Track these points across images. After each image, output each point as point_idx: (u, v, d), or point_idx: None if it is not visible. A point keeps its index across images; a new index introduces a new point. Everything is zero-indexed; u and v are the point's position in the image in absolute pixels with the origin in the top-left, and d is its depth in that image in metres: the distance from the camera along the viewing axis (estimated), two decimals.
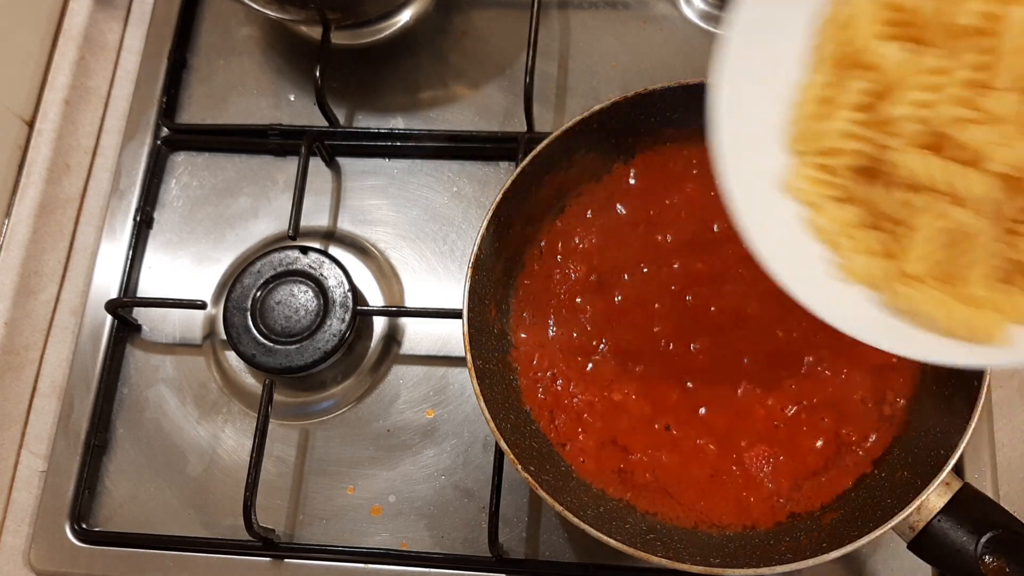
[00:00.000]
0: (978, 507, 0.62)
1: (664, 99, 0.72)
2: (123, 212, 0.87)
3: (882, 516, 0.61)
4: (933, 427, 0.65)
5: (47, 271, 0.87)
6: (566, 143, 0.72)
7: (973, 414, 0.61)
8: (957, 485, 0.62)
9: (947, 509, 0.61)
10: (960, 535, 0.61)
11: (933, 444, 0.64)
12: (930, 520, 0.62)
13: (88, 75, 0.93)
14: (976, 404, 0.62)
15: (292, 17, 0.89)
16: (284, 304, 0.79)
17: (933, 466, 0.62)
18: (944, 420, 0.65)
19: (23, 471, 0.82)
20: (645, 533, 0.66)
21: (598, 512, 0.66)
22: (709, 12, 0.90)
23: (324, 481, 0.79)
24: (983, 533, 0.60)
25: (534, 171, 0.71)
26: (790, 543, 0.64)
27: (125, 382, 0.83)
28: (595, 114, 0.71)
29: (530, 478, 0.62)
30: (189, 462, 0.80)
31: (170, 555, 0.77)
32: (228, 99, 0.92)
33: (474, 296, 0.68)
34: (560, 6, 0.92)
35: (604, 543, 0.61)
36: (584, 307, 0.73)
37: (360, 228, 0.87)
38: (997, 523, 0.61)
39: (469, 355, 0.66)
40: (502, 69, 0.90)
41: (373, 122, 0.89)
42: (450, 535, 0.77)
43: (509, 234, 0.72)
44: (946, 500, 0.62)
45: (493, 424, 0.64)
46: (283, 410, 0.81)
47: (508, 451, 0.63)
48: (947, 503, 0.62)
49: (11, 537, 0.81)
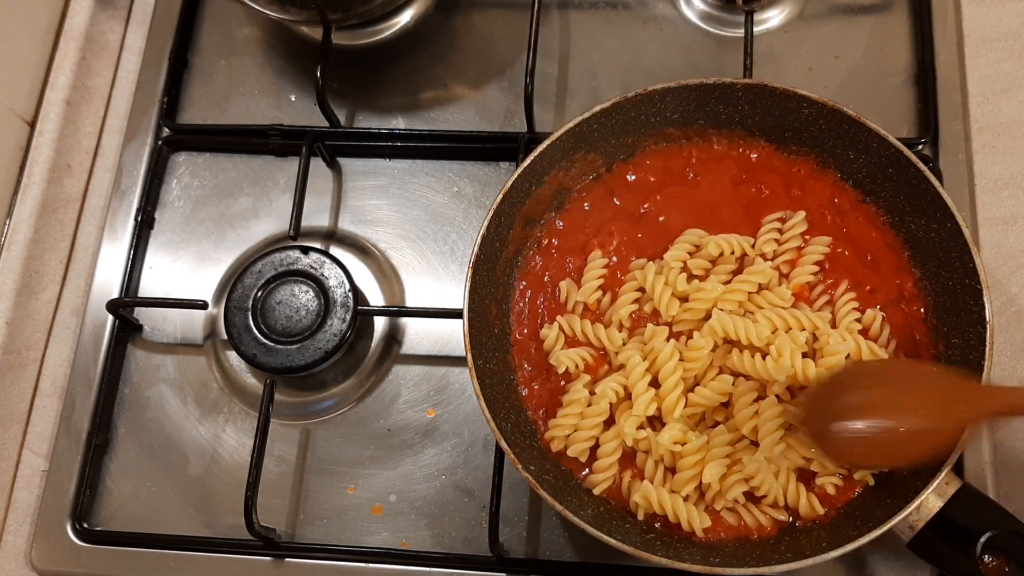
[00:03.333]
0: (977, 507, 0.63)
1: (665, 99, 0.73)
2: (124, 212, 0.88)
3: (882, 516, 0.61)
4: None
5: (48, 271, 0.87)
6: (567, 143, 0.72)
7: None
8: (956, 485, 0.63)
9: (946, 509, 0.62)
10: (959, 535, 0.61)
11: None
12: (929, 520, 0.62)
13: (89, 75, 0.93)
14: None
15: (293, 18, 0.89)
16: (285, 304, 0.79)
17: (932, 466, 0.62)
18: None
19: (24, 470, 0.83)
20: (645, 533, 0.66)
21: (598, 512, 0.66)
22: (709, 12, 0.91)
23: (325, 480, 0.79)
24: (982, 532, 0.61)
25: (535, 171, 0.71)
26: (790, 543, 0.65)
27: (126, 382, 0.84)
28: (596, 114, 0.72)
29: (531, 478, 0.62)
30: (190, 462, 0.81)
31: (171, 554, 0.77)
32: (229, 99, 0.92)
33: (474, 296, 0.68)
34: (560, 6, 0.92)
35: (604, 543, 0.61)
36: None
37: (361, 228, 0.87)
38: (996, 523, 0.61)
39: (469, 355, 0.66)
40: (502, 69, 0.90)
41: (374, 122, 0.90)
42: (450, 534, 0.77)
43: (509, 234, 0.72)
44: (945, 500, 0.62)
45: (493, 424, 0.64)
46: (284, 410, 0.81)
47: (508, 451, 0.63)
48: (946, 503, 0.62)
49: (12, 536, 0.81)
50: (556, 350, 0.71)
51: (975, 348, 0.64)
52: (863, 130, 0.69)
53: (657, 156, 0.76)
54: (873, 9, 0.89)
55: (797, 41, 0.89)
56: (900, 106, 0.85)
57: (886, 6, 0.89)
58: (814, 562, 0.60)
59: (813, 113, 0.71)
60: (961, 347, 0.66)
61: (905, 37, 0.88)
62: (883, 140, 0.69)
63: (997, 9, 0.87)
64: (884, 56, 0.87)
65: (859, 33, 0.88)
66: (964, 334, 0.66)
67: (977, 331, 0.64)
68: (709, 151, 0.76)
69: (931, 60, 0.85)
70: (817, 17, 0.90)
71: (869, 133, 0.69)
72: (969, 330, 0.65)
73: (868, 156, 0.71)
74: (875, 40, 0.88)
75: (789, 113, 0.72)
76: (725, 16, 0.90)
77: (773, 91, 0.71)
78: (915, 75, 0.86)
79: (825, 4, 0.90)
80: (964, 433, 0.58)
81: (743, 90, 0.72)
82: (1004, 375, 0.77)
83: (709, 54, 0.89)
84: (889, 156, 0.69)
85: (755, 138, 0.75)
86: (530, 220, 0.74)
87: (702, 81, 0.72)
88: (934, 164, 0.82)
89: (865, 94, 0.86)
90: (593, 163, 0.75)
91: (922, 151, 0.82)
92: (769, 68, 0.87)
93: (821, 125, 0.71)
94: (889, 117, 0.85)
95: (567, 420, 0.68)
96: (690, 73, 0.88)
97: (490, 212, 0.69)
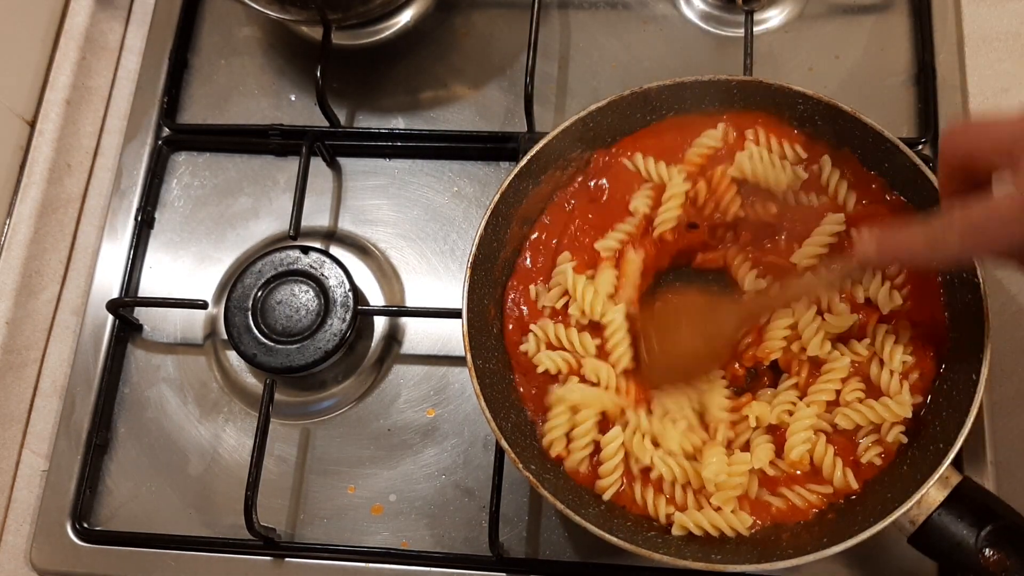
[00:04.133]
0: (978, 500, 0.63)
1: (661, 96, 0.73)
2: (124, 212, 0.88)
3: (883, 511, 0.61)
4: (932, 422, 0.66)
5: (48, 271, 0.87)
6: (563, 142, 0.72)
7: (971, 408, 0.62)
8: (956, 479, 0.63)
9: (947, 503, 0.62)
10: (960, 528, 0.61)
11: (932, 439, 0.64)
12: (930, 514, 0.62)
13: (89, 75, 0.93)
14: (974, 398, 0.62)
15: (293, 17, 0.89)
16: (285, 304, 0.79)
17: (933, 460, 0.62)
18: (943, 414, 0.65)
19: (24, 470, 0.83)
20: (646, 531, 0.66)
21: (599, 510, 0.66)
22: (709, 12, 0.91)
23: (325, 480, 0.79)
24: (983, 526, 0.61)
25: (532, 171, 0.71)
26: (791, 539, 0.65)
27: (126, 382, 0.84)
28: (592, 113, 0.72)
29: (531, 477, 0.62)
30: (190, 461, 0.81)
31: (171, 554, 0.77)
32: (229, 99, 0.92)
33: (473, 296, 0.68)
34: (560, 6, 0.92)
35: (606, 541, 0.61)
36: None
37: (361, 228, 0.87)
38: (997, 516, 0.61)
39: (469, 355, 0.66)
40: (502, 69, 0.90)
41: (374, 122, 0.90)
42: (451, 534, 0.77)
43: (507, 233, 0.72)
44: (946, 494, 0.62)
45: (494, 424, 0.64)
46: (284, 409, 0.81)
47: (509, 450, 0.63)
48: (947, 497, 0.62)
49: (12, 536, 0.81)
50: (540, 355, 0.71)
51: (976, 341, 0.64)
52: (859, 125, 0.69)
53: (653, 142, 0.75)
54: (873, 9, 0.89)
55: (797, 41, 0.89)
56: (900, 106, 0.85)
57: (886, 6, 0.89)
58: (815, 558, 0.60)
59: (809, 108, 0.71)
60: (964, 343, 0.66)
61: (905, 37, 0.88)
62: (879, 135, 0.69)
63: (997, 9, 0.87)
64: (884, 56, 0.87)
65: (859, 33, 0.88)
66: (962, 330, 0.66)
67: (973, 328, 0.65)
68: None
69: (931, 60, 0.85)
70: (817, 17, 0.90)
71: (866, 129, 0.69)
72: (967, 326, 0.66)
73: (864, 151, 0.71)
74: (875, 40, 0.88)
75: (786, 108, 0.72)
76: (725, 16, 0.90)
77: (768, 87, 0.71)
78: (915, 75, 0.86)
79: (825, 4, 0.90)
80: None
81: (738, 86, 0.72)
82: (1004, 375, 0.77)
83: (709, 54, 0.89)
84: (886, 151, 0.69)
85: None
86: (527, 219, 0.74)
87: (697, 79, 0.72)
88: (934, 164, 0.82)
89: (865, 94, 0.86)
90: (589, 159, 0.75)
91: (922, 151, 0.82)
92: (769, 68, 0.87)
93: (817, 121, 0.72)
94: (889, 117, 0.85)
95: (556, 421, 0.68)
96: (690, 73, 0.88)
97: (487, 212, 0.69)
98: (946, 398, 0.65)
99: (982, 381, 0.62)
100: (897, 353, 0.67)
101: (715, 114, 0.74)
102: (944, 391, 0.66)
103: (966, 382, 0.63)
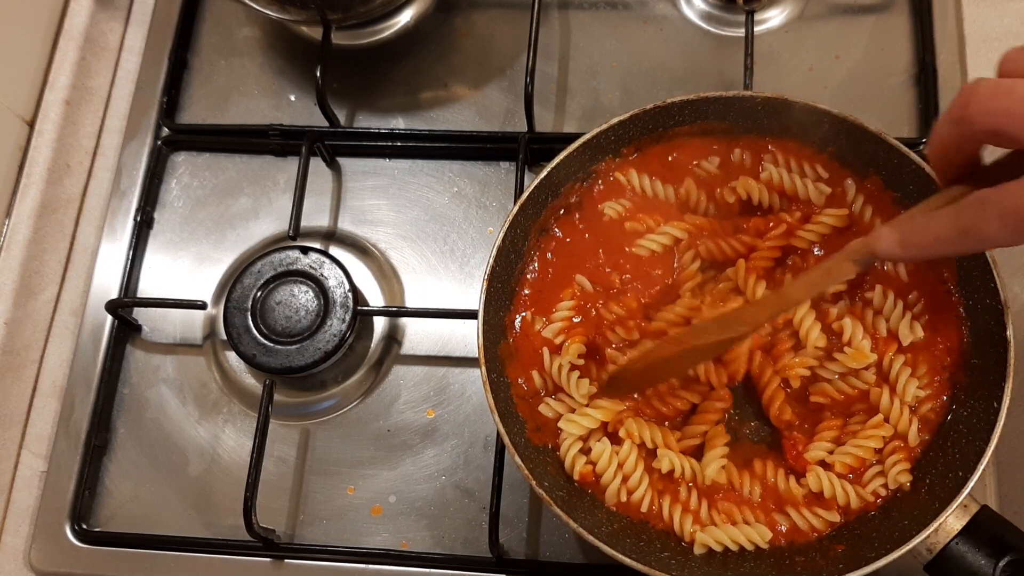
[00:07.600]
0: (996, 530, 0.61)
1: (684, 110, 0.71)
2: (124, 212, 0.87)
3: (900, 538, 0.60)
4: (951, 448, 0.64)
5: (48, 271, 0.87)
6: (584, 154, 0.71)
7: (992, 436, 0.61)
8: (975, 508, 0.61)
9: (965, 532, 0.60)
10: (978, 558, 0.60)
11: (951, 466, 0.63)
12: (948, 543, 0.60)
13: (89, 75, 0.93)
14: (995, 426, 0.61)
15: (293, 18, 0.89)
16: (284, 304, 0.79)
17: (951, 488, 0.61)
18: (963, 441, 0.64)
19: (23, 471, 0.82)
20: (659, 551, 0.64)
21: (612, 529, 0.65)
22: (709, 12, 0.91)
23: (324, 481, 0.79)
24: (1001, 557, 0.59)
25: (551, 182, 0.70)
26: (805, 563, 0.63)
27: (125, 382, 0.83)
28: (614, 126, 0.70)
29: (545, 495, 0.61)
30: (190, 462, 0.80)
31: (170, 555, 0.77)
32: (229, 99, 0.92)
33: (489, 309, 0.67)
34: (560, 6, 0.92)
35: (619, 562, 0.60)
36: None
37: (361, 228, 0.87)
38: (1016, 547, 0.60)
39: (484, 368, 0.65)
40: (502, 69, 0.90)
41: (374, 122, 0.90)
42: (450, 535, 0.77)
43: (524, 245, 0.71)
44: (964, 522, 0.60)
45: (508, 439, 0.63)
46: (283, 410, 0.81)
47: (522, 466, 0.62)
48: (965, 525, 0.60)
49: (11, 537, 0.81)
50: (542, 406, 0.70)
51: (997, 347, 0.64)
52: (884, 147, 0.68)
53: (669, 149, 0.74)
54: (873, 9, 0.89)
55: (798, 41, 0.89)
56: (901, 106, 0.85)
57: (886, 6, 0.89)
58: None
59: (834, 126, 0.69)
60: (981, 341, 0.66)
61: (906, 37, 0.88)
62: (880, 140, 0.68)
63: (997, 9, 0.87)
64: (884, 56, 0.87)
65: (860, 33, 0.88)
66: (984, 357, 0.65)
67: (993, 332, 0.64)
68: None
69: (932, 60, 0.85)
70: (818, 17, 0.90)
71: (891, 150, 0.68)
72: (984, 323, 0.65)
73: (861, 152, 0.70)
74: (876, 40, 0.88)
75: (809, 127, 0.70)
76: (726, 16, 0.90)
77: (792, 105, 0.69)
78: (916, 75, 0.86)
79: (826, 4, 0.90)
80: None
81: (763, 103, 0.70)
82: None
83: (709, 54, 0.89)
84: (886, 150, 0.68)
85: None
86: (544, 229, 0.73)
87: (721, 94, 0.70)
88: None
89: (865, 94, 0.86)
90: (607, 168, 0.73)
91: (923, 151, 0.82)
92: (769, 68, 0.87)
93: (842, 141, 0.70)
94: (890, 117, 0.84)
95: (569, 449, 0.68)
96: (690, 73, 0.89)
97: (506, 224, 0.68)
98: (966, 424, 0.64)
99: (1004, 410, 0.61)
100: (912, 386, 0.66)
101: (732, 131, 0.72)
102: (964, 418, 0.65)
103: (987, 410, 0.62)
